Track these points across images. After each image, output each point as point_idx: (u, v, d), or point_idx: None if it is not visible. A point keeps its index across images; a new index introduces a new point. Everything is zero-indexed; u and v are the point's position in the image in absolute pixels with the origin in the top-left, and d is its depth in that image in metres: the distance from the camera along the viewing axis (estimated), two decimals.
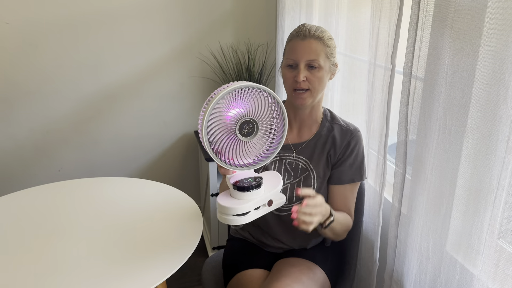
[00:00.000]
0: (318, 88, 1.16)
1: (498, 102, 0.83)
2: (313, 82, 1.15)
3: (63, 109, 2.21)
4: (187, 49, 2.30)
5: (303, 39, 1.14)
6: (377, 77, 1.26)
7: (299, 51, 1.14)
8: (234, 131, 0.91)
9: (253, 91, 0.90)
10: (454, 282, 0.99)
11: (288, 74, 1.17)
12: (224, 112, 0.89)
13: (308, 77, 1.15)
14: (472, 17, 0.86)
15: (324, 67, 1.15)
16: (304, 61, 1.14)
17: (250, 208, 0.94)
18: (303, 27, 1.16)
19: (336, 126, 1.25)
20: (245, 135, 0.92)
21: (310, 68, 1.14)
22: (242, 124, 0.91)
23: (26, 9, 2.01)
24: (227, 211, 0.93)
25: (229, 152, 0.92)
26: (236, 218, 0.93)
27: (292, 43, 1.17)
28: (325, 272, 1.23)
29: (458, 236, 0.99)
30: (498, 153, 0.85)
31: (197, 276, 2.07)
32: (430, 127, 1.00)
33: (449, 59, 0.93)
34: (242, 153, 0.94)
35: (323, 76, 1.16)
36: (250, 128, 0.92)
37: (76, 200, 1.39)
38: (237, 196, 0.95)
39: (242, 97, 0.90)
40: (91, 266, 1.04)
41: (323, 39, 1.15)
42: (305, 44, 1.14)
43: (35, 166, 2.26)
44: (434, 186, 1.02)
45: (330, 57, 1.17)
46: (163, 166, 2.48)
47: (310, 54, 1.13)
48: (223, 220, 0.94)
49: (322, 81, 1.16)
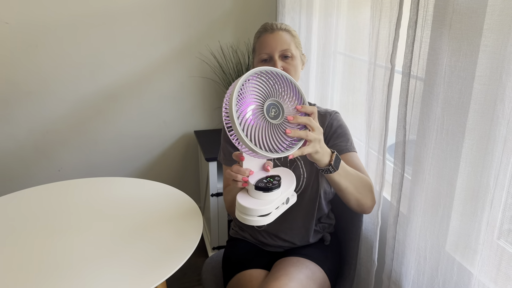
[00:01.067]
0: (295, 76, 1.21)
1: (496, 102, 0.83)
2: (290, 71, 1.19)
3: (63, 109, 2.21)
4: (187, 49, 2.30)
5: (272, 32, 1.21)
6: (377, 77, 1.26)
7: (271, 43, 1.19)
8: (262, 113, 0.87)
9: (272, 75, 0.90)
10: (451, 282, 0.99)
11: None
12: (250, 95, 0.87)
13: (284, 67, 1.19)
14: (471, 17, 0.86)
15: (297, 56, 1.21)
16: (278, 52, 1.19)
17: (272, 208, 0.92)
18: (268, 23, 1.23)
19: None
20: (273, 118, 0.89)
21: (285, 58, 1.20)
22: (268, 107, 0.89)
23: (26, 9, 2.01)
24: (251, 212, 0.90)
25: (261, 135, 0.87)
26: (259, 219, 0.91)
27: (262, 38, 1.22)
28: (325, 272, 1.23)
29: (456, 236, 0.99)
30: (495, 153, 0.85)
31: (197, 276, 2.07)
32: (429, 127, 1.00)
33: (447, 59, 0.93)
34: (274, 137, 0.89)
35: (297, 65, 1.22)
36: (276, 111, 0.90)
37: (76, 200, 1.39)
38: (259, 196, 0.92)
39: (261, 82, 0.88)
40: (91, 266, 1.04)
41: (289, 31, 1.22)
42: (276, 36, 1.20)
43: (35, 166, 2.27)
44: (432, 186, 1.02)
45: (298, 47, 1.23)
46: (163, 166, 2.48)
47: (282, 44, 1.19)
48: (245, 221, 0.91)
49: (297, 70, 1.22)
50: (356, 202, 1.12)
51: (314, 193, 1.24)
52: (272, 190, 0.91)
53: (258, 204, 0.90)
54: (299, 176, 1.22)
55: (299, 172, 1.23)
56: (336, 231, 1.41)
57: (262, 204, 0.90)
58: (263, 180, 0.93)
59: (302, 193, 1.23)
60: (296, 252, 1.27)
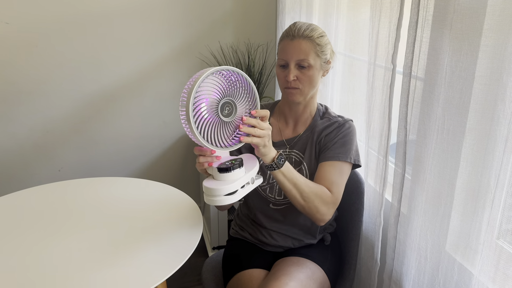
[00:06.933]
0: (309, 86, 1.19)
1: (496, 102, 0.83)
2: (304, 81, 1.18)
3: (63, 109, 2.21)
4: (187, 49, 2.30)
5: (292, 39, 1.17)
6: (377, 77, 1.26)
7: (288, 51, 1.17)
8: (217, 112, 0.95)
9: (228, 73, 0.96)
10: (452, 282, 0.99)
11: (280, 74, 1.20)
12: (206, 94, 0.93)
13: (298, 77, 1.17)
14: (471, 17, 0.86)
15: (315, 66, 1.17)
16: (294, 61, 1.17)
17: (237, 186, 0.99)
18: (293, 27, 1.18)
19: (325, 119, 1.27)
20: (226, 116, 0.97)
21: (301, 68, 1.17)
22: (223, 105, 0.96)
23: (26, 9, 2.01)
24: (217, 192, 0.97)
25: (212, 132, 0.96)
26: (226, 198, 0.98)
27: (282, 43, 1.20)
28: (325, 272, 1.23)
29: (456, 236, 0.99)
30: (496, 153, 0.85)
31: (197, 276, 2.07)
32: (430, 127, 1.00)
33: (448, 59, 0.93)
34: (224, 134, 0.98)
35: (313, 75, 1.18)
36: (229, 109, 0.97)
37: (76, 200, 1.39)
38: (223, 178, 1.00)
39: (219, 80, 0.95)
40: (91, 266, 1.04)
41: (312, 38, 1.17)
42: (294, 44, 1.16)
43: (35, 166, 2.26)
44: (433, 186, 1.02)
45: (320, 55, 1.18)
46: (163, 166, 2.48)
47: (299, 54, 1.16)
48: (213, 202, 0.98)
49: (313, 80, 1.19)
50: (302, 209, 1.14)
51: None
52: (234, 169, 0.99)
53: (222, 184, 0.98)
54: None
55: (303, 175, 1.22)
56: (336, 231, 1.41)
57: (226, 184, 0.98)
58: (226, 163, 1.01)
59: None
60: (296, 252, 1.28)
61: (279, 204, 1.27)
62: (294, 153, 1.27)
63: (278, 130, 1.31)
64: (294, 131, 1.30)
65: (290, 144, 1.28)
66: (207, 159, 1.00)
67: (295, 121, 1.30)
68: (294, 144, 1.28)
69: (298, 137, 1.28)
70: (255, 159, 1.11)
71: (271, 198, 1.28)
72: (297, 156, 1.26)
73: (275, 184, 1.26)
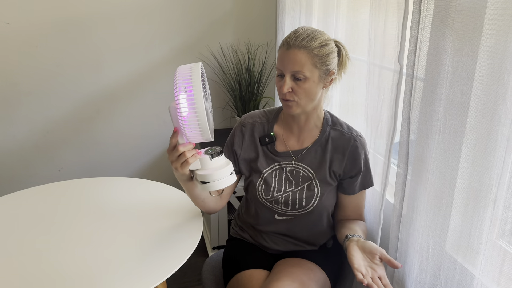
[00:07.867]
0: (306, 99, 1.11)
1: (497, 102, 0.83)
2: (299, 94, 1.10)
3: (63, 109, 2.21)
4: (187, 49, 2.30)
5: (288, 49, 1.09)
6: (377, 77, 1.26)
7: (284, 61, 1.10)
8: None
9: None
10: (454, 282, 0.99)
11: (278, 83, 1.14)
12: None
13: (294, 89, 1.10)
14: (472, 17, 0.86)
15: (311, 78, 1.09)
16: (289, 72, 1.09)
17: (232, 167, 1.02)
18: (293, 35, 1.10)
19: (337, 132, 1.22)
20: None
21: (296, 80, 1.09)
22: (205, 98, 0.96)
23: (26, 9, 2.01)
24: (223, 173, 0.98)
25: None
26: (231, 177, 1.00)
27: (280, 51, 1.13)
28: (326, 273, 1.23)
29: (457, 236, 0.99)
30: (497, 153, 0.85)
31: (197, 276, 2.07)
32: (431, 127, 1.00)
33: (449, 59, 0.93)
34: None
35: (310, 88, 1.09)
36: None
37: (76, 200, 1.39)
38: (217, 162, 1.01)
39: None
40: (91, 266, 1.04)
41: (309, 48, 1.07)
42: (289, 55, 1.08)
43: (35, 166, 2.26)
44: (434, 186, 1.02)
45: (320, 66, 1.09)
46: (163, 166, 2.48)
47: (294, 65, 1.08)
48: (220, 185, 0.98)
49: (310, 93, 1.10)
50: None
51: (322, 211, 1.24)
52: (222, 153, 1.02)
53: (222, 166, 1.00)
54: (312, 195, 1.20)
55: (314, 191, 1.20)
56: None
57: (225, 165, 1.01)
58: (209, 151, 1.01)
59: (312, 210, 1.21)
60: (298, 253, 1.27)
61: (285, 215, 1.25)
62: (302, 167, 1.22)
63: (282, 140, 1.25)
64: (299, 142, 1.24)
65: (296, 156, 1.23)
66: (192, 152, 0.99)
67: (299, 131, 1.23)
68: (301, 157, 1.22)
69: (305, 150, 1.22)
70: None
71: (278, 209, 1.24)
72: (306, 171, 1.21)
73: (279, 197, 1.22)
